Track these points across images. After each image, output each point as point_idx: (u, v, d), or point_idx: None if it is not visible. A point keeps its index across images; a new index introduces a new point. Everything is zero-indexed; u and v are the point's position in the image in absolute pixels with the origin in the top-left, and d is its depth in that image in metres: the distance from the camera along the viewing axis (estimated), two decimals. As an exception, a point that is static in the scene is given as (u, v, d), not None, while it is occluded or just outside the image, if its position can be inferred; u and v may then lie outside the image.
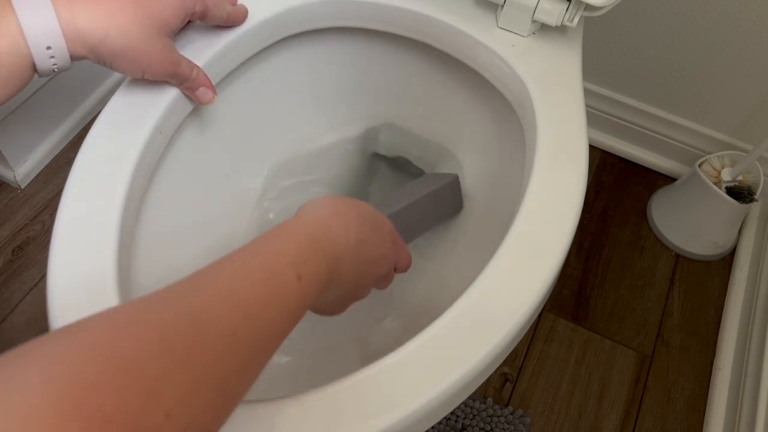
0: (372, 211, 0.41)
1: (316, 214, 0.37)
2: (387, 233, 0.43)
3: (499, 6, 0.58)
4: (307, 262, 0.33)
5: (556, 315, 0.93)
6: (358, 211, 0.40)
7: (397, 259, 0.44)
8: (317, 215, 0.37)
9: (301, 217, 0.37)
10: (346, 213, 0.38)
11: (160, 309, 0.27)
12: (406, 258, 0.46)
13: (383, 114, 0.72)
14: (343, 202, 0.39)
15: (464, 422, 0.82)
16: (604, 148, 1.10)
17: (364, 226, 0.39)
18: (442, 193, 0.63)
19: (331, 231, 0.36)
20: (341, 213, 0.38)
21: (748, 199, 0.92)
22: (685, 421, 0.87)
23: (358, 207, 0.40)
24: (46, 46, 0.40)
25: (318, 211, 0.37)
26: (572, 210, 0.47)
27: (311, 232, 0.35)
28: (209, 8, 0.49)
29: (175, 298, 0.28)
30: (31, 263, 0.91)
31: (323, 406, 0.36)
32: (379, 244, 0.41)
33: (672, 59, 0.93)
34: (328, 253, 0.35)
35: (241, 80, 0.59)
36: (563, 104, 0.53)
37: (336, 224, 0.37)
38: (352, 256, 0.37)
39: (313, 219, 0.36)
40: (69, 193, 0.44)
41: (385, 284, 0.45)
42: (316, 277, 0.34)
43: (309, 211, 0.38)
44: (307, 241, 0.34)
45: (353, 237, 0.38)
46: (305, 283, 0.33)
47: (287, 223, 0.36)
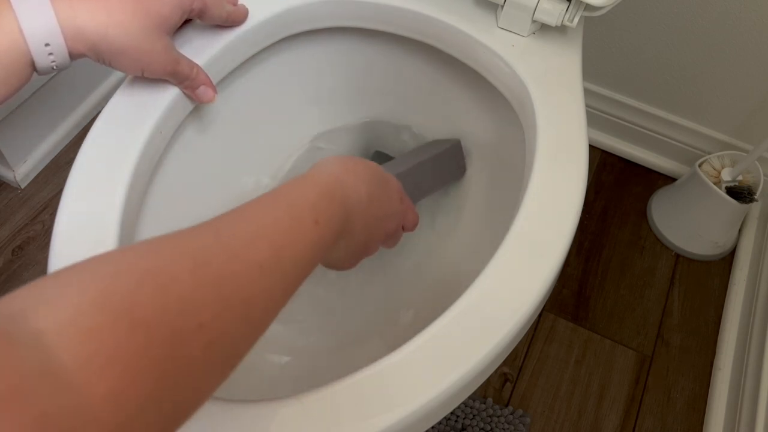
0: (380, 170, 0.43)
1: (330, 169, 0.39)
2: (395, 192, 0.44)
3: (499, 6, 0.58)
4: (324, 210, 0.35)
5: (556, 315, 0.93)
6: (367, 169, 0.41)
7: (404, 217, 0.46)
8: (332, 170, 0.38)
9: (317, 171, 0.38)
10: (357, 171, 0.40)
11: (192, 236, 0.29)
12: (413, 216, 0.47)
13: (383, 114, 0.72)
14: (353, 161, 0.41)
15: (464, 422, 0.82)
16: (604, 148, 1.10)
17: (373, 183, 0.41)
18: (443, 157, 0.65)
19: (343, 186, 0.38)
20: (352, 170, 0.39)
21: (748, 199, 0.92)
22: (685, 421, 0.87)
23: (368, 166, 0.42)
24: (44, 43, 0.40)
25: (331, 167, 0.39)
26: (572, 210, 0.47)
27: (326, 185, 0.37)
28: (208, 6, 0.49)
29: (206, 231, 0.30)
30: (31, 263, 0.91)
31: (323, 406, 0.36)
32: (388, 201, 0.43)
33: (672, 59, 0.93)
34: (341, 204, 0.37)
35: (242, 80, 0.59)
36: (563, 104, 0.53)
37: (348, 180, 0.38)
38: (362, 212, 0.39)
39: (327, 173, 0.38)
40: (69, 193, 0.44)
41: (393, 242, 0.47)
42: (331, 225, 0.35)
43: (323, 167, 0.39)
44: (322, 191, 0.36)
45: (364, 193, 0.39)
46: (321, 229, 0.34)
47: (303, 176, 0.37)
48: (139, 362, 0.23)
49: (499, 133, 0.65)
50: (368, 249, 0.43)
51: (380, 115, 0.72)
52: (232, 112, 0.59)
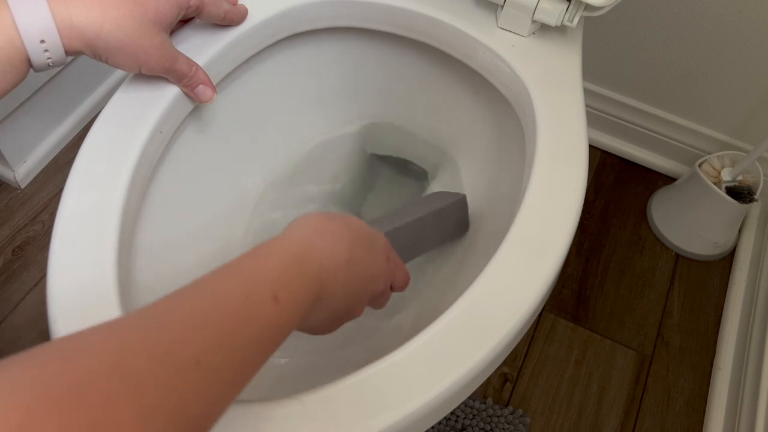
0: (364, 228, 0.40)
1: (302, 232, 0.35)
2: (380, 250, 0.41)
3: (499, 6, 0.58)
4: (288, 284, 0.32)
5: (556, 315, 0.93)
6: (348, 228, 0.38)
7: (392, 276, 0.43)
8: (303, 233, 0.35)
9: (286, 236, 0.35)
10: (335, 231, 0.37)
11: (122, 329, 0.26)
12: (403, 276, 0.44)
13: (383, 114, 0.72)
14: (332, 219, 0.37)
15: (464, 422, 0.82)
16: (604, 148, 1.10)
17: (354, 244, 0.37)
18: (447, 212, 0.60)
19: (317, 250, 0.35)
20: (329, 231, 0.36)
21: (748, 199, 0.92)
22: (685, 421, 0.87)
23: (349, 223, 0.38)
24: (40, 40, 0.40)
25: (304, 229, 0.36)
26: (572, 210, 0.47)
27: (295, 252, 0.34)
28: (205, 4, 0.49)
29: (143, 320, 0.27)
30: (31, 263, 0.91)
31: (323, 406, 0.36)
32: (372, 262, 0.39)
33: (672, 59, 0.93)
34: (313, 274, 0.34)
35: (241, 80, 0.59)
36: (563, 104, 0.53)
37: (323, 243, 0.35)
38: (341, 276, 0.36)
39: (298, 237, 0.35)
40: (69, 193, 0.44)
41: (381, 303, 0.44)
42: (297, 300, 0.32)
43: (295, 229, 0.36)
44: (289, 261, 0.33)
45: (342, 256, 0.36)
46: (283, 306, 0.31)
47: (270, 243, 0.34)
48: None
49: (499, 133, 0.65)
50: (351, 313, 0.39)
51: (380, 115, 0.72)
52: (232, 112, 0.59)
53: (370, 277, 0.39)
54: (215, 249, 0.59)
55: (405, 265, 0.46)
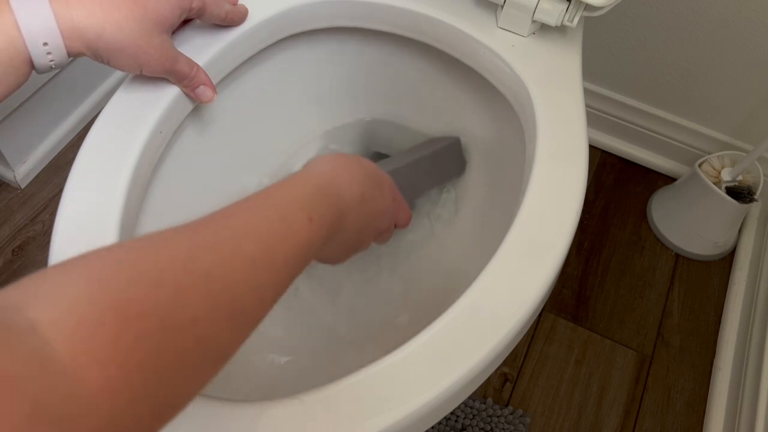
0: (375, 168, 0.43)
1: (324, 168, 0.39)
2: (387, 189, 0.44)
3: (499, 6, 0.58)
4: (317, 207, 0.35)
5: (556, 315, 0.93)
6: (361, 167, 0.42)
7: (396, 214, 0.46)
8: (324, 169, 0.39)
9: (308, 172, 0.39)
10: (350, 169, 0.40)
11: (184, 233, 0.29)
12: (406, 214, 0.48)
13: (383, 114, 0.72)
14: (346, 159, 0.41)
15: (464, 422, 0.82)
16: (604, 148, 1.10)
17: (367, 181, 0.41)
18: (441, 154, 0.64)
19: (337, 184, 0.38)
20: (345, 169, 0.40)
21: (748, 199, 0.92)
22: (685, 421, 0.87)
23: (362, 163, 0.42)
24: (42, 42, 0.40)
25: (325, 165, 0.39)
26: (572, 210, 0.47)
27: (320, 183, 0.37)
28: (207, 5, 0.49)
29: (198, 228, 0.30)
30: (31, 263, 0.91)
31: (323, 406, 0.36)
32: (381, 199, 0.43)
33: (672, 59, 0.93)
34: (335, 202, 0.37)
35: (242, 80, 0.59)
36: (563, 104, 0.53)
37: (342, 178, 0.39)
38: (356, 209, 0.39)
39: (321, 172, 0.38)
40: (69, 193, 0.44)
41: (385, 238, 0.47)
42: (324, 222, 0.35)
43: (316, 165, 0.39)
44: (316, 189, 0.36)
45: (357, 191, 0.40)
46: (315, 226, 0.34)
47: (297, 175, 0.38)
48: (131, 355, 0.23)
49: (499, 133, 0.65)
50: (360, 245, 0.43)
51: (380, 115, 0.72)
52: (232, 112, 0.59)
53: (378, 213, 0.43)
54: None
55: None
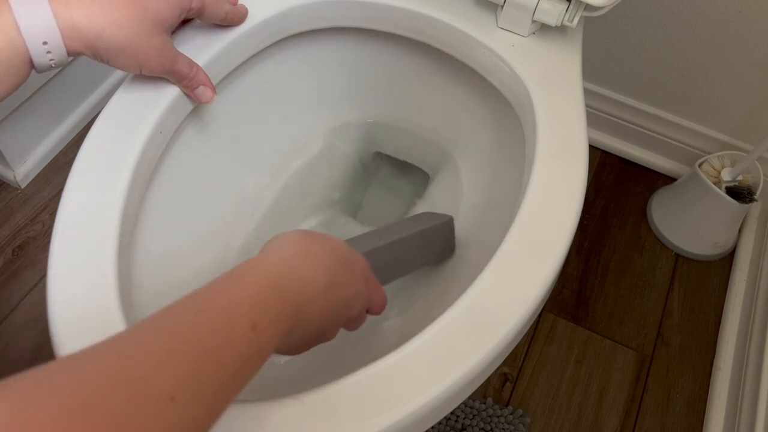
0: (345, 249, 0.39)
1: (283, 254, 0.35)
2: (360, 273, 0.40)
3: (499, 6, 0.58)
4: (266, 312, 0.31)
5: (556, 315, 0.93)
6: (329, 250, 0.37)
7: (369, 300, 0.42)
8: (283, 256, 0.35)
9: (266, 258, 0.34)
10: (317, 253, 0.36)
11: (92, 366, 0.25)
12: (380, 299, 0.43)
13: (383, 114, 0.72)
14: (313, 240, 0.37)
15: (464, 422, 0.82)
16: (604, 148, 1.10)
17: (334, 267, 0.37)
18: (431, 234, 0.58)
19: (296, 274, 0.34)
20: (310, 254, 0.36)
21: (748, 199, 0.92)
22: (685, 421, 0.87)
23: (331, 245, 0.38)
24: (42, 42, 0.40)
25: (285, 251, 0.35)
26: (572, 210, 0.47)
27: (274, 277, 0.33)
28: (206, 5, 0.49)
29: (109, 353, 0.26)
30: (31, 263, 0.91)
31: (323, 406, 0.36)
32: (350, 285, 0.39)
33: (672, 59, 0.93)
34: (291, 299, 0.33)
35: (242, 80, 0.59)
36: (563, 104, 0.53)
37: (303, 266, 0.35)
38: (319, 300, 0.35)
39: (278, 261, 0.34)
40: (69, 193, 0.44)
41: (356, 326, 0.43)
42: (275, 326, 0.31)
43: (275, 250, 0.35)
44: (268, 287, 0.32)
45: (322, 279, 0.35)
46: (261, 333, 0.30)
47: (250, 265, 0.33)
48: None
49: (499, 133, 0.65)
50: (326, 335, 0.39)
51: (380, 116, 0.72)
52: (232, 112, 0.59)
53: (347, 301, 0.38)
54: (216, 248, 0.59)
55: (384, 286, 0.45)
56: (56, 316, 0.38)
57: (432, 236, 0.58)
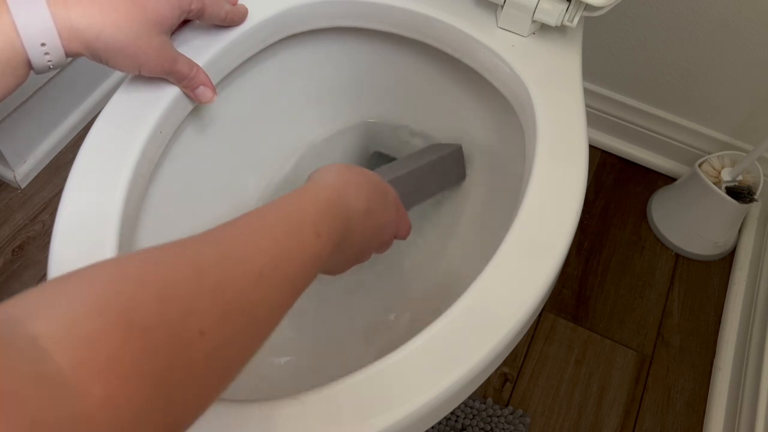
0: (379, 181, 0.44)
1: (331, 180, 0.39)
2: (391, 202, 0.45)
3: (499, 6, 0.58)
4: (325, 223, 0.35)
5: (556, 315, 0.93)
6: (367, 180, 0.42)
7: (398, 226, 0.47)
8: (333, 182, 0.39)
9: (319, 183, 0.39)
10: (357, 182, 0.41)
11: (191, 245, 0.29)
12: (407, 226, 0.48)
13: (383, 114, 0.72)
14: (353, 171, 0.42)
15: (464, 422, 0.82)
16: (604, 148, 1.10)
17: (372, 195, 0.42)
18: (443, 162, 0.64)
19: (343, 198, 0.38)
20: (353, 182, 0.40)
21: (748, 199, 0.92)
22: (685, 421, 0.87)
23: (367, 176, 0.43)
24: (40, 43, 0.40)
25: (332, 178, 0.40)
26: (572, 210, 0.47)
27: (329, 196, 0.37)
28: (206, 6, 0.49)
29: (206, 240, 0.30)
30: (31, 263, 0.91)
31: (323, 406, 0.36)
32: (384, 212, 0.43)
33: (672, 59, 0.93)
34: (342, 217, 0.37)
35: (241, 80, 0.59)
36: (563, 104, 0.53)
37: (348, 192, 0.39)
38: (361, 223, 0.40)
39: (329, 185, 0.39)
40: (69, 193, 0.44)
41: (385, 249, 0.48)
42: (332, 237, 0.36)
43: (323, 178, 0.40)
44: (325, 203, 0.37)
45: (363, 205, 0.40)
46: (323, 241, 0.34)
47: (305, 187, 0.38)
48: (136, 368, 0.22)
49: (499, 133, 0.65)
50: (362, 257, 0.43)
51: (380, 115, 0.72)
52: (232, 112, 0.59)
53: (383, 225, 0.43)
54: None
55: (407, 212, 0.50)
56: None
57: (444, 164, 0.64)
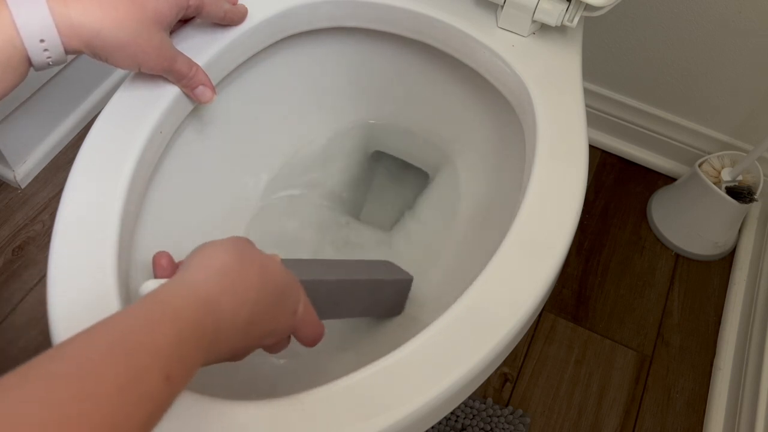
0: (278, 277, 0.38)
1: (209, 287, 0.33)
2: (288, 305, 0.39)
3: (499, 6, 0.58)
4: (182, 358, 0.29)
5: (556, 315, 0.93)
6: (259, 280, 0.36)
7: (296, 330, 0.41)
8: (210, 290, 0.33)
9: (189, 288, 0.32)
10: (244, 288, 0.34)
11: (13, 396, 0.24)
12: (313, 331, 0.42)
13: (383, 114, 0.72)
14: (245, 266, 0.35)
15: (464, 422, 0.82)
16: (604, 148, 1.10)
17: (260, 302, 0.35)
18: (384, 286, 0.55)
19: (218, 312, 0.33)
20: (238, 290, 0.34)
21: (748, 199, 0.92)
22: (685, 421, 0.87)
23: (263, 272, 0.36)
24: (39, 39, 0.40)
25: (212, 281, 0.33)
26: (572, 210, 0.47)
27: (196, 316, 0.31)
28: (205, 4, 0.49)
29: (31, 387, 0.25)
30: (31, 263, 0.91)
31: (323, 406, 0.36)
32: (273, 319, 0.37)
33: (672, 59, 0.93)
34: (207, 339, 0.32)
35: (241, 80, 0.59)
36: (563, 104, 0.53)
37: (228, 303, 0.33)
38: (236, 338, 0.34)
39: (202, 296, 0.32)
40: (69, 193, 0.44)
41: (275, 351, 0.41)
42: (189, 373, 0.30)
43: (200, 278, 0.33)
44: (186, 331, 0.30)
45: (243, 318, 0.34)
46: (173, 384, 0.29)
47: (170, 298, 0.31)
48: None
49: (499, 133, 0.65)
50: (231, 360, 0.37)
51: (380, 115, 0.72)
52: (232, 112, 0.59)
53: (267, 333, 0.38)
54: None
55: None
56: (56, 316, 0.39)
57: (384, 289, 0.55)
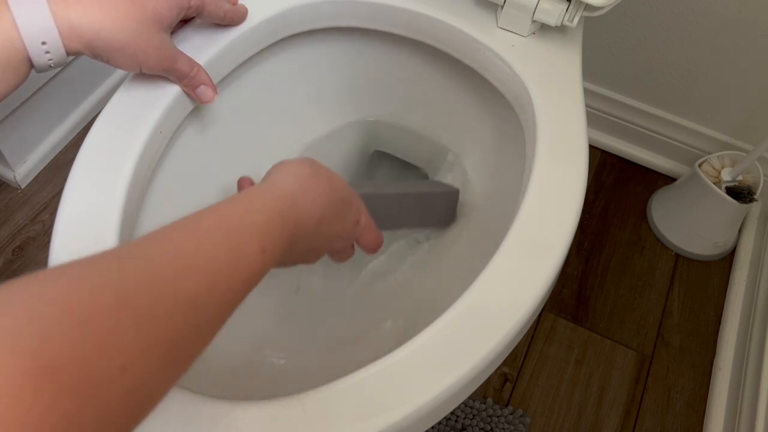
0: (342, 189, 0.43)
1: (288, 185, 0.38)
2: (352, 213, 0.44)
3: (499, 6, 0.58)
4: (273, 237, 0.34)
5: (556, 315, 0.93)
6: (329, 186, 0.41)
7: (358, 238, 0.46)
8: (288, 187, 0.38)
9: (273, 186, 0.38)
10: (316, 189, 0.40)
11: (119, 262, 0.27)
12: (372, 239, 0.47)
13: (383, 114, 0.72)
14: (316, 175, 0.40)
15: (464, 422, 0.82)
16: (604, 148, 1.10)
17: (329, 205, 0.40)
18: (433, 198, 0.61)
19: (297, 206, 0.38)
20: (311, 189, 0.39)
21: (748, 199, 0.92)
22: (685, 421, 0.87)
23: (331, 181, 0.41)
24: (41, 41, 0.40)
25: (289, 183, 0.39)
26: (572, 210, 0.47)
27: (280, 206, 0.36)
28: (205, 4, 0.49)
29: (135, 254, 0.28)
30: (31, 263, 0.91)
31: (323, 406, 0.36)
32: (340, 222, 0.42)
33: (672, 59, 0.93)
34: (291, 229, 0.36)
35: (242, 80, 0.59)
36: (563, 104, 0.53)
37: (304, 200, 0.38)
38: (310, 234, 0.39)
39: (283, 192, 0.37)
40: (69, 193, 0.44)
41: (341, 258, 0.47)
42: (277, 252, 0.35)
43: (280, 180, 0.39)
44: (275, 214, 0.35)
45: (317, 214, 0.39)
46: (267, 257, 0.33)
47: (258, 191, 0.37)
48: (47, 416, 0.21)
49: (499, 133, 0.65)
50: (306, 261, 0.42)
51: (380, 115, 0.72)
52: (232, 112, 0.59)
53: (333, 236, 0.43)
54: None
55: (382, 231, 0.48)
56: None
57: (433, 201, 0.61)
